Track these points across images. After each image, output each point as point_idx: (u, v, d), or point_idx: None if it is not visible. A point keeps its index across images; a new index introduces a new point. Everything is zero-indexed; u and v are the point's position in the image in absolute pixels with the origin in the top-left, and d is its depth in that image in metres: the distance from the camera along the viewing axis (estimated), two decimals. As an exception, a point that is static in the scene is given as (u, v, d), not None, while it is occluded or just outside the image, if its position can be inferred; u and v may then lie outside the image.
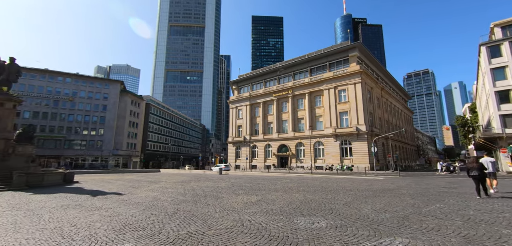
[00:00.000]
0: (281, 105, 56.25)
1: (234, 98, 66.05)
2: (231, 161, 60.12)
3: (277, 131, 54.45)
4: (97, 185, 18.58)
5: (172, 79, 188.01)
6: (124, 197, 12.43)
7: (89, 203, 10.62)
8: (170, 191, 14.76)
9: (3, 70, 18.04)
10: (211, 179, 25.62)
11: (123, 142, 64.12)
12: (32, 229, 6.56)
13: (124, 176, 31.18)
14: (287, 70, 58.10)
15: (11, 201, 11.25)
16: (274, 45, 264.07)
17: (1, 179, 14.90)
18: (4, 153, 16.93)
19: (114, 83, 67.00)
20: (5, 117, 17.39)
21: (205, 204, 10.02)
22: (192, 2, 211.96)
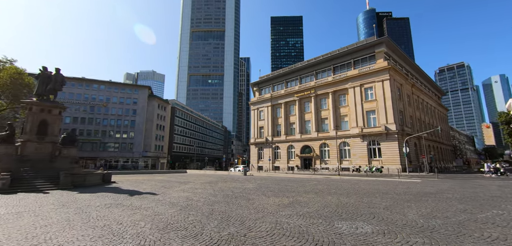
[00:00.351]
0: (303, 105, 55.25)
1: (255, 99, 66.25)
2: (254, 162, 60.31)
3: (299, 131, 53.56)
4: (132, 185, 19.63)
5: (195, 83, 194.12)
6: (159, 197, 12.94)
7: (129, 203, 11.19)
8: (200, 192, 15.09)
9: (50, 80, 19.88)
10: (236, 180, 25.84)
11: (152, 144, 67.60)
12: (84, 226, 7.03)
13: (154, 176, 32.68)
14: (309, 69, 57.00)
15: (60, 199, 12.27)
16: (294, 45, 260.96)
17: (50, 179, 16.38)
18: (52, 155, 18.62)
19: (143, 88, 71.07)
20: (52, 122, 19.15)
21: (238, 206, 10.05)
22: (213, 7, 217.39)
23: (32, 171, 16.42)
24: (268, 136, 59.38)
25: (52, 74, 19.99)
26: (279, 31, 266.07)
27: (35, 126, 18.14)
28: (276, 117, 60.44)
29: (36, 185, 15.19)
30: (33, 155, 17.68)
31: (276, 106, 60.80)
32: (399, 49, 51.44)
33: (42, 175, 16.44)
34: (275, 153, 57.44)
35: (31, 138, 17.76)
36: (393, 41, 49.98)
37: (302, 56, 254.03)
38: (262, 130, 62.34)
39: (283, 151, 55.84)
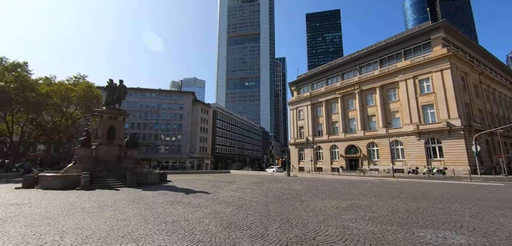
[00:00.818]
0: (346, 102, 52.09)
1: (293, 99, 65.07)
2: (294, 163, 59.21)
3: (343, 130, 50.60)
4: (185, 184, 20.99)
5: (233, 87, 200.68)
6: (212, 196, 13.48)
7: (187, 200, 11.90)
8: (249, 192, 15.27)
9: (115, 90, 22.66)
10: (281, 181, 25.59)
11: (197, 146, 72.27)
12: (156, 221, 7.62)
13: (202, 176, 34.58)
14: (351, 64, 53.60)
15: (129, 195, 13.72)
16: (332, 40, 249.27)
17: (118, 177, 18.59)
18: (119, 156, 21.17)
19: (187, 94, 76.64)
20: (118, 128, 21.81)
21: (293, 207, 9.78)
22: (247, 12, 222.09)
23: (105, 170, 18.89)
24: (308, 136, 57.69)
25: (117, 85, 22.77)
26: (315, 27, 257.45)
27: (105, 131, 20.91)
28: (316, 116, 58.35)
29: (109, 183, 17.38)
30: (105, 156, 20.37)
31: (316, 105, 58.71)
32: (461, 33, 44.73)
33: (112, 174, 18.77)
34: (316, 153, 55.46)
35: (103, 142, 20.52)
36: (453, 25, 43.65)
37: (341, 52, 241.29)
38: (302, 129, 60.85)
39: (325, 151, 53.54)
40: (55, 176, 16.33)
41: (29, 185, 16.21)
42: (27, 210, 9.51)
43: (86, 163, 18.64)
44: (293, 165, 59.26)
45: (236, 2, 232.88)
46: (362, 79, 49.26)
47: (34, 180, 16.54)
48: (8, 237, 5.97)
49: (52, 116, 39.95)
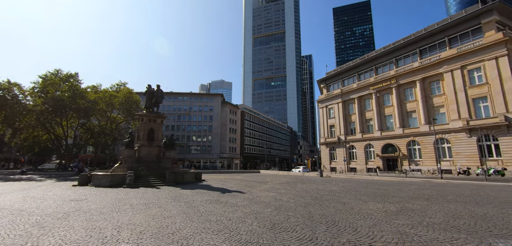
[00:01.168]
0: (382, 98, 48.72)
1: (323, 97, 62.87)
2: (325, 163, 57.15)
3: (379, 128, 47.41)
4: (219, 183, 21.48)
5: (259, 87, 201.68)
6: (248, 195, 13.50)
7: (225, 200, 12.06)
8: (284, 192, 14.99)
9: (153, 95, 24.16)
10: (314, 181, 24.82)
11: (226, 146, 74.12)
12: (200, 219, 7.78)
13: (233, 175, 35.22)
14: (387, 57, 50.01)
15: (170, 193, 14.40)
16: (362, 33, 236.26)
17: (158, 176, 19.74)
18: (158, 156, 22.50)
19: (216, 96, 79.06)
20: (157, 130, 23.19)
21: (336, 210, 9.29)
22: (272, 11, 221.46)
23: (146, 170, 20.20)
24: (340, 135, 55.26)
25: (155, 90, 24.26)
26: (343, 21, 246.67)
27: (146, 133, 22.39)
28: (348, 114, 55.64)
29: (150, 181, 18.52)
30: (146, 157, 21.80)
31: (347, 102, 56.00)
32: (521, 13, 38.88)
33: (153, 173, 19.99)
34: (349, 153, 52.87)
35: (144, 143, 22.00)
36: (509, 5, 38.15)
37: (372, 45, 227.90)
38: (333, 128, 58.52)
39: (359, 151, 50.77)
40: (104, 174, 17.92)
41: (83, 183, 18.00)
42: (84, 206, 10.49)
43: (130, 163, 20.14)
44: (324, 165, 57.30)
45: (260, 3, 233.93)
46: (399, 72, 45.69)
47: (87, 178, 18.32)
48: (74, 230, 6.56)
49: (99, 120, 44.18)
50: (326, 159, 57.99)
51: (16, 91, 36.03)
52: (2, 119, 35.38)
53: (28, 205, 10.45)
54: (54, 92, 37.14)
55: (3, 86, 34.82)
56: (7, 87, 35.12)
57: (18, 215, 8.58)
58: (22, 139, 39.82)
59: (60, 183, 20.70)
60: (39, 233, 6.26)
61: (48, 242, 5.57)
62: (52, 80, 37.26)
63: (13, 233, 6.31)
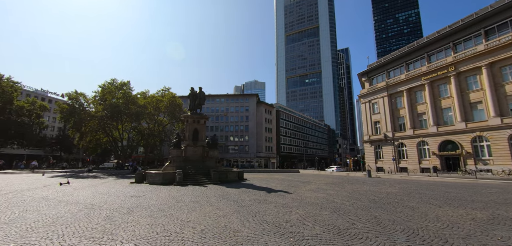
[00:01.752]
0: (436, 89, 42.98)
1: (365, 91, 58.38)
2: (370, 163, 52.92)
3: (435, 123, 41.93)
4: (261, 182, 21.30)
5: (293, 85, 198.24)
6: (296, 196, 12.91)
7: (273, 199, 11.68)
8: (333, 194, 13.99)
9: (196, 97, 25.18)
10: (362, 182, 22.96)
11: (263, 146, 74.35)
12: (255, 220, 7.50)
13: (273, 175, 34.88)
14: (441, 42, 44.07)
15: (217, 192, 14.62)
16: (406, 20, 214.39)
17: (204, 175, 20.44)
18: (203, 156, 23.36)
19: (252, 97, 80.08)
20: (201, 130, 24.13)
21: (406, 215, 8.13)
22: (304, 6, 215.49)
23: (193, 168, 21.09)
24: (387, 132, 50.63)
25: (197, 92, 25.28)
26: (383, 9, 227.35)
27: (191, 133, 23.45)
28: (396, 108, 50.64)
29: (197, 180, 19.23)
30: (191, 156, 22.82)
31: (394, 95, 50.99)
32: None
33: (199, 172, 20.77)
34: (399, 151, 48.08)
35: (189, 143, 23.08)
36: None
37: (420, 31, 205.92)
38: (378, 124, 53.95)
39: (410, 149, 45.79)
40: (157, 173, 19.22)
41: (139, 180, 19.56)
42: (144, 202, 11.17)
43: (178, 162, 21.29)
44: (368, 164, 53.19)
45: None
46: (458, 58, 39.82)
47: (142, 176, 19.86)
48: (141, 226, 6.85)
49: (148, 123, 48.24)
50: (371, 158, 53.73)
51: (82, 100, 41.51)
52: (72, 125, 41.08)
53: (97, 200, 11.57)
54: (111, 99, 41.73)
55: (72, 96, 40.42)
56: (75, 96, 40.67)
57: (91, 209, 9.47)
58: (87, 141, 45.62)
59: (119, 180, 22.95)
60: (111, 227, 6.68)
61: (121, 237, 5.85)
62: (109, 89, 41.90)
63: (90, 226, 6.86)
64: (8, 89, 44.70)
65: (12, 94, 45.67)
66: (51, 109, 72.40)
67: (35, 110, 50.43)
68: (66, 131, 69.46)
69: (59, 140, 68.55)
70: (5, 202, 10.97)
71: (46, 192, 14.61)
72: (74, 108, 39.93)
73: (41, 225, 6.92)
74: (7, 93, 44.37)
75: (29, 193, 13.91)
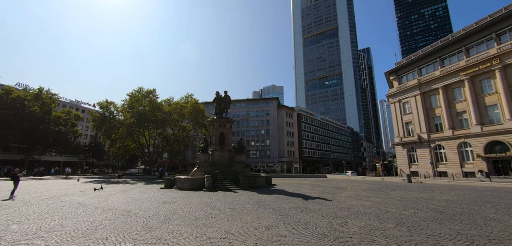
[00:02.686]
0: (479, 85, 38.91)
1: (394, 90, 54.82)
2: (403, 167, 49.19)
3: (478, 122, 37.86)
4: (291, 188, 20.12)
5: (312, 88, 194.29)
6: (338, 204, 11.66)
7: (315, 208, 10.56)
8: (379, 201, 12.51)
9: (222, 101, 24.81)
10: (404, 188, 20.91)
11: (285, 150, 72.76)
12: (311, 234, 6.50)
13: (300, 180, 33.42)
14: (482, 33, 40.13)
15: (250, 198, 13.76)
16: (433, 14, 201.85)
17: (232, 180, 19.77)
18: (229, 161, 22.78)
19: (272, 101, 79.08)
20: (227, 134, 23.64)
21: (499, 231, 6.65)
22: (322, 8, 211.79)
23: (220, 173, 20.53)
24: (421, 133, 46.89)
25: (223, 96, 24.92)
26: (406, 5, 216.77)
27: (217, 138, 23.04)
28: (430, 107, 46.83)
29: (226, 185, 18.59)
30: (218, 161, 22.34)
31: (428, 93, 47.22)
32: None
33: (227, 177, 20.15)
34: (435, 153, 44.20)
35: (216, 148, 22.64)
36: None
37: (448, 26, 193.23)
38: (410, 125, 50.25)
39: (450, 151, 41.84)
40: (186, 178, 18.89)
41: (169, 186, 19.37)
42: (178, 209, 10.62)
43: (206, 167, 20.89)
44: (401, 168, 49.57)
45: (309, 2, 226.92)
46: (504, 50, 35.85)
47: (171, 181, 19.66)
48: (184, 238, 6.16)
49: (173, 130, 49.18)
50: (404, 161, 50.00)
51: (112, 109, 43.36)
52: (103, 132, 42.97)
53: (132, 207, 11.25)
54: (138, 107, 43.13)
55: (103, 105, 42.37)
56: (106, 105, 42.59)
57: (127, 216, 9.06)
58: (116, 148, 47.49)
59: (149, 186, 23.05)
60: (153, 239, 6.07)
61: (167, 251, 5.17)
62: (136, 97, 43.36)
63: (130, 236, 6.31)
64: (47, 101, 48.08)
65: (51, 105, 49.05)
66: (84, 119, 77.18)
67: (70, 120, 53.79)
68: (98, 138, 73.46)
69: (91, 147, 72.60)
70: (45, 208, 11.03)
71: (82, 197, 14.76)
72: (105, 117, 41.77)
73: (80, 234, 6.52)
74: (46, 104, 47.71)
75: (66, 199, 14.10)
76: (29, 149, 49.81)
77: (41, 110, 46.79)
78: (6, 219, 8.69)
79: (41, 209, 10.80)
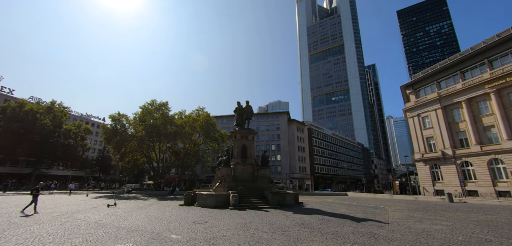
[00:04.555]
0: (507, 98, 36.82)
1: (411, 104, 52.90)
2: (426, 185, 46.21)
3: (509, 137, 35.48)
4: (323, 206, 18.11)
5: (319, 104, 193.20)
6: (401, 228, 9.77)
7: (378, 233, 8.73)
8: (449, 225, 10.55)
9: (243, 111, 23.40)
10: (455, 209, 18.69)
11: (296, 166, 70.07)
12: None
13: (323, 198, 31.10)
14: (505, 46, 38.69)
15: (291, 220, 11.88)
16: (438, 32, 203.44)
17: (259, 197, 17.90)
18: (252, 175, 20.99)
19: (283, 114, 77.41)
20: (249, 147, 21.98)
21: None
22: (327, 26, 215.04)
23: (244, 189, 18.69)
24: (444, 149, 44.35)
25: (244, 107, 23.54)
26: (411, 23, 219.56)
27: (239, 150, 21.40)
28: (453, 121, 44.59)
29: (253, 203, 16.73)
30: (240, 175, 20.55)
31: (450, 107, 45.17)
32: None
33: (253, 193, 18.30)
34: (462, 171, 41.46)
35: (238, 161, 20.94)
36: None
37: (455, 42, 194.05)
38: (432, 140, 47.77)
39: (479, 169, 39.10)
40: (209, 194, 17.11)
41: (189, 202, 17.60)
42: (216, 231, 8.92)
43: (229, 182, 19.13)
44: (424, 187, 46.64)
45: (314, 20, 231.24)
46: (535, 61, 34.10)
47: (191, 198, 17.89)
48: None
49: (184, 143, 47.77)
50: (427, 179, 47.08)
51: (123, 121, 42.42)
52: (114, 145, 41.78)
53: (159, 228, 9.58)
54: (150, 120, 42.10)
55: (115, 118, 41.48)
56: (118, 118, 41.67)
57: (161, 241, 7.45)
58: (126, 162, 46.07)
59: (164, 202, 21.27)
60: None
61: None
62: (148, 110, 42.46)
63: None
64: (58, 114, 47.56)
65: (62, 118, 48.48)
66: (93, 133, 76.64)
67: (80, 133, 53.01)
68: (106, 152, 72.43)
69: (99, 162, 71.40)
70: (60, 228, 9.42)
71: (97, 215, 13.12)
72: (116, 129, 40.74)
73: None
74: (58, 117, 47.15)
75: (81, 217, 12.47)
76: (37, 162, 48.75)
77: (52, 123, 46.18)
78: (16, 242, 7.11)
79: (55, 229, 9.20)
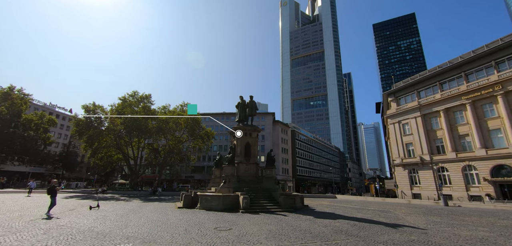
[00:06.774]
0: (481, 109, 40.08)
1: (392, 111, 55.53)
2: (404, 188, 48.52)
3: (482, 145, 38.42)
4: (331, 209, 17.23)
5: (298, 107, 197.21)
6: (442, 234, 9.07)
7: (424, 239, 7.86)
8: (489, 232, 10.15)
9: (246, 107, 21.78)
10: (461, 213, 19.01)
11: (280, 168, 69.48)
12: None
13: (319, 201, 30.52)
14: (483, 61, 42.13)
15: (318, 226, 10.66)
16: (408, 47, 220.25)
17: (269, 199, 16.47)
18: (256, 175, 19.44)
19: (268, 115, 76.51)
20: (253, 145, 20.40)
21: None
22: (309, 33, 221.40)
23: (250, 190, 17.06)
24: (422, 155, 46.93)
25: (248, 102, 21.94)
26: (385, 37, 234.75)
27: (243, 148, 19.73)
28: (431, 129, 47.40)
29: (265, 205, 15.26)
30: (243, 175, 18.89)
31: (429, 115, 47.99)
32: None
33: (260, 195, 16.79)
34: (439, 176, 44.07)
35: (241, 160, 19.25)
36: None
37: (422, 58, 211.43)
38: (411, 146, 50.34)
39: (454, 174, 41.84)
40: (214, 196, 15.18)
41: (189, 205, 15.55)
42: (254, 240, 7.29)
43: (233, 182, 17.38)
44: (402, 191, 48.86)
45: (297, 26, 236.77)
46: (505, 77, 37.44)
47: (192, 199, 15.85)
48: None
49: (167, 140, 44.30)
50: (405, 183, 49.43)
51: (99, 113, 37.90)
52: (86, 139, 37.13)
53: (179, 239, 7.65)
54: (130, 112, 38.20)
55: (89, 108, 36.89)
56: (92, 109, 37.12)
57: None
58: (98, 158, 41.36)
59: (154, 204, 18.77)
60: None
61: None
62: (129, 102, 38.54)
63: None
64: (17, 101, 41.19)
65: (21, 106, 42.12)
66: (58, 125, 68.42)
67: (42, 125, 46.55)
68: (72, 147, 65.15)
69: (63, 157, 63.82)
70: (44, 237, 7.03)
71: (84, 219, 10.62)
72: (90, 122, 36.21)
73: None
74: (16, 105, 40.82)
75: (63, 222, 9.92)
76: (-13, 156, 41.62)
77: (9, 111, 39.70)
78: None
79: (39, 239, 6.83)
